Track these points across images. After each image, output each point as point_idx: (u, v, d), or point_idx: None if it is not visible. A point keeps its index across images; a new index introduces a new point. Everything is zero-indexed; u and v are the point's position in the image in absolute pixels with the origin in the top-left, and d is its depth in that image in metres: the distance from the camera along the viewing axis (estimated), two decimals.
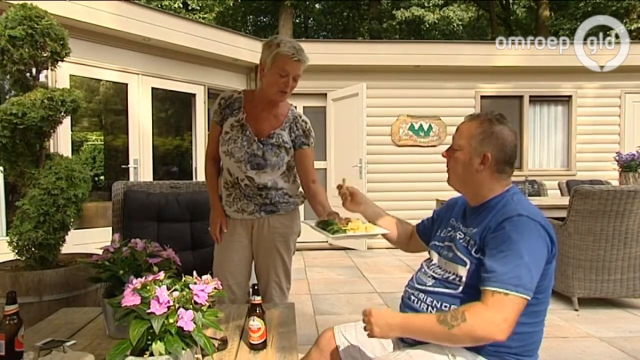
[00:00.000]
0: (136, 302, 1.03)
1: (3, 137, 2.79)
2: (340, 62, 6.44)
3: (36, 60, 2.92)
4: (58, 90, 3.03)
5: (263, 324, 1.39)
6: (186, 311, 1.03)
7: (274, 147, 2.07)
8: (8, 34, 2.73)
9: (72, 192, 2.97)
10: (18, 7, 2.82)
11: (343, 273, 5.15)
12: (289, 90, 2.07)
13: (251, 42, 6.45)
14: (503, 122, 1.43)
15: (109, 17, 4.80)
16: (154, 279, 1.09)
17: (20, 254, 2.98)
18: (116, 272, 1.51)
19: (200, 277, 1.12)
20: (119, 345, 1.03)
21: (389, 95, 6.66)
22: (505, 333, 1.18)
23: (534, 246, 1.26)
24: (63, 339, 1.46)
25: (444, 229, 1.55)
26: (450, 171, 1.49)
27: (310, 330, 3.15)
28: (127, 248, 1.57)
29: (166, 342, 1.02)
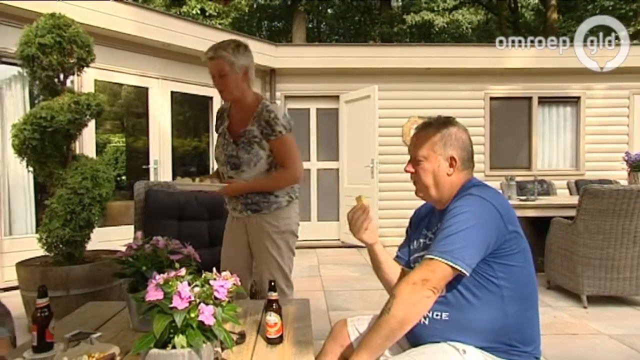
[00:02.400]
0: (159, 297, 1.11)
1: (33, 140, 2.94)
2: (352, 65, 6.54)
3: (64, 66, 3.07)
4: (84, 95, 3.19)
5: (279, 319, 1.46)
6: (207, 306, 1.11)
7: (245, 145, 2.12)
8: (38, 42, 2.89)
9: (96, 192, 3.12)
10: (47, 16, 2.98)
11: (355, 270, 5.22)
12: (222, 88, 2.09)
13: (265, 46, 6.57)
14: (454, 123, 1.49)
15: (131, 24, 4.97)
16: (175, 275, 1.17)
17: (49, 250, 3.13)
18: (139, 268, 1.59)
19: (219, 274, 1.21)
20: (144, 338, 1.10)
21: (400, 97, 6.72)
22: (422, 292, 1.24)
23: (477, 221, 1.29)
24: (90, 331, 1.56)
25: (417, 240, 1.59)
26: (419, 183, 1.50)
27: (324, 325, 3.23)
28: (149, 245, 1.66)
29: (188, 335, 1.09)
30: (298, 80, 6.74)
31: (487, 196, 1.35)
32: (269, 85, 6.69)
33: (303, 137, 6.93)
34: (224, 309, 1.16)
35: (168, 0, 12.57)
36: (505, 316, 1.34)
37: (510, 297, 1.34)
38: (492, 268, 1.33)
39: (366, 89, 6.28)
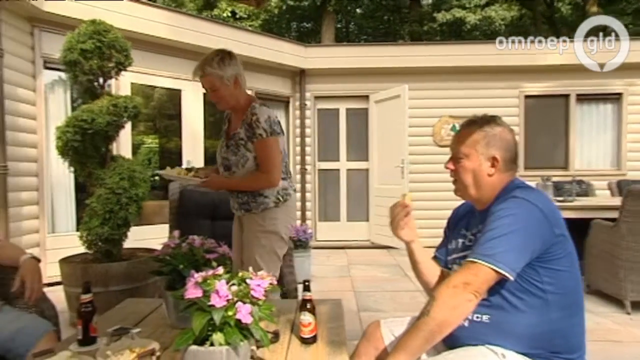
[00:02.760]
0: (198, 295, 1.14)
1: (75, 141, 3.06)
2: (382, 65, 6.49)
3: (103, 70, 3.18)
4: (121, 98, 3.29)
5: (314, 318, 1.47)
6: (244, 305, 1.12)
7: (233, 147, 2.20)
8: (80, 48, 3.00)
9: (133, 192, 3.21)
10: (88, 23, 3.09)
11: (386, 271, 5.19)
12: (217, 100, 2.18)
13: (295, 47, 6.62)
14: (500, 122, 1.45)
15: (165, 28, 5.10)
16: (213, 273, 1.19)
17: (89, 247, 3.25)
18: (176, 266, 1.63)
19: (255, 273, 1.23)
20: (183, 335, 1.13)
21: (431, 96, 6.63)
22: (463, 295, 1.21)
23: (522, 225, 1.25)
24: (130, 326, 1.62)
25: (455, 241, 1.56)
26: (458, 182, 1.48)
27: (355, 326, 3.22)
28: (185, 244, 1.71)
29: (226, 333, 1.11)
30: (327, 80, 6.75)
31: (532, 198, 1.31)
32: (298, 86, 6.72)
33: (333, 137, 6.94)
34: (261, 307, 1.17)
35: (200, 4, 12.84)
36: (550, 322, 1.30)
37: (555, 302, 1.30)
38: (538, 272, 1.29)
39: (396, 88, 6.23)
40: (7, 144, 3.92)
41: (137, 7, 5.08)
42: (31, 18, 4.30)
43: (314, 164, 6.88)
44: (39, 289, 1.93)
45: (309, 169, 6.84)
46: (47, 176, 4.56)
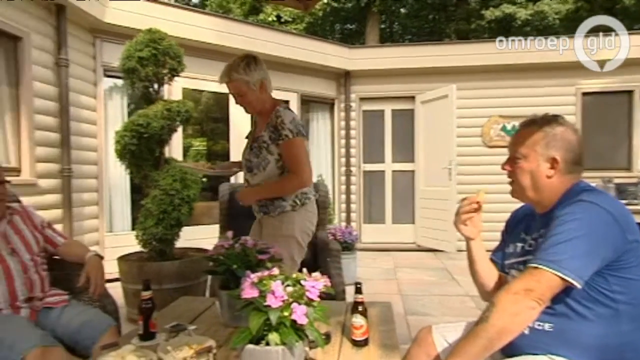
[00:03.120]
0: (255, 295, 1.16)
1: (132, 145, 3.21)
2: (428, 65, 6.36)
3: (158, 76, 3.32)
4: (174, 102, 3.42)
5: (366, 321, 1.46)
6: (299, 305, 1.14)
7: (255, 150, 2.22)
8: (137, 56, 3.15)
9: (185, 193, 3.32)
10: (145, 32, 3.24)
11: (433, 275, 5.09)
12: (245, 105, 2.22)
13: (339, 49, 6.63)
14: (562, 122, 1.37)
15: (213, 33, 5.25)
16: (269, 274, 1.22)
17: (144, 246, 3.39)
18: (230, 266, 1.67)
19: (310, 274, 1.23)
20: (241, 334, 1.15)
21: (480, 95, 6.43)
22: (525, 302, 1.16)
23: (589, 230, 1.18)
24: (186, 323, 1.67)
25: (513, 244, 1.50)
26: (515, 183, 1.42)
27: (403, 330, 3.17)
28: (238, 245, 1.74)
29: (281, 333, 1.12)
30: (372, 81, 6.71)
31: (600, 202, 1.23)
32: (343, 88, 6.72)
33: (378, 139, 6.88)
34: (315, 309, 1.18)
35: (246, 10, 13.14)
36: (620, 334, 1.22)
37: (627, 313, 1.22)
38: (607, 281, 1.21)
39: (443, 88, 6.09)
40: (72, 148, 4.17)
41: (188, 15, 5.27)
42: (93, 29, 4.56)
43: (358, 165, 6.85)
44: (102, 284, 2.04)
45: (353, 171, 6.82)
46: (106, 178, 4.81)
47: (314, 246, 3.09)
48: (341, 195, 6.82)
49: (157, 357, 1.28)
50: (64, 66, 4.05)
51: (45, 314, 1.85)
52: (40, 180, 3.84)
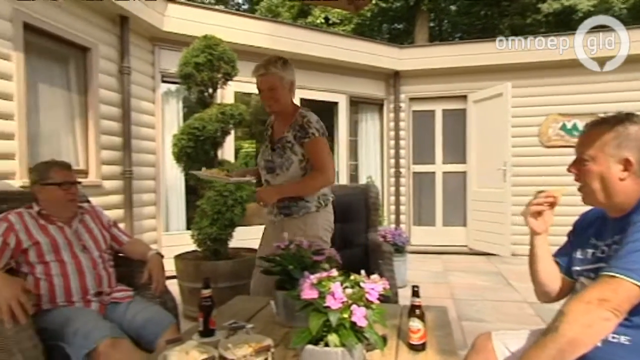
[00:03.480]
0: (314, 296, 1.17)
1: (188, 147, 3.33)
2: (481, 63, 6.14)
3: (213, 81, 3.43)
4: (228, 106, 3.52)
5: (423, 325, 1.44)
6: (358, 307, 1.13)
7: (279, 150, 2.24)
8: (194, 61, 3.27)
9: (238, 194, 3.41)
10: (201, 38, 3.36)
11: (487, 279, 4.92)
12: (271, 101, 2.21)
13: (389, 49, 6.56)
14: (637, 120, 1.26)
15: (263, 37, 5.36)
16: (328, 275, 1.22)
17: (199, 245, 3.51)
18: (286, 267, 1.70)
19: (368, 276, 1.23)
20: (300, 334, 1.16)
21: (537, 93, 6.13)
22: (599, 313, 1.08)
23: None
24: (243, 322, 1.71)
25: (582, 250, 1.41)
26: (584, 187, 1.34)
27: (456, 335, 3.07)
28: (294, 246, 1.76)
29: (341, 335, 1.12)
30: (423, 81, 6.58)
31: None
32: (392, 88, 6.65)
33: (428, 140, 6.75)
34: (374, 311, 1.17)
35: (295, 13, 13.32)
36: None
37: None
38: None
39: (497, 86, 5.88)
40: (133, 151, 4.40)
41: (239, 20, 5.42)
42: (152, 38, 4.79)
43: (408, 167, 6.74)
44: (163, 282, 2.14)
45: (403, 172, 6.72)
46: (163, 179, 5.02)
47: (365, 247, 3.07)
48: (390, 196, 6.75)
49: (218, 353, 1.32)
50: (126, 74, 4.28)
51: (113, 308, 1.96)
52: (105, 182, 4.08)
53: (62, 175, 1.99)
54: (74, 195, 2.02)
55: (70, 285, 1.88)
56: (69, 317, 1.75)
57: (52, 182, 1.95)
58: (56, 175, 1.97)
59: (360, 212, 3.12)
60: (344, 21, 12.73)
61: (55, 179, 1.96)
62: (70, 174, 2.04)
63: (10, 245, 1.82)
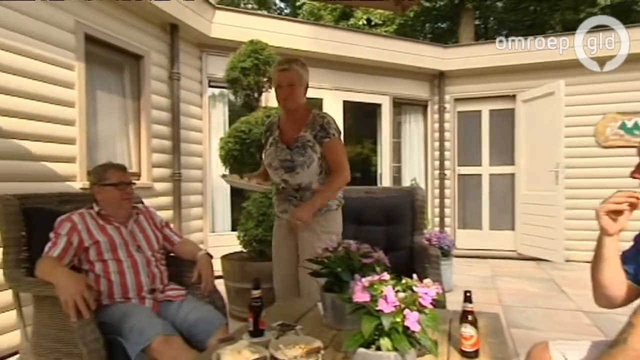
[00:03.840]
0: (366, 299, 1.16)
1: (235, 150, 3.41)
2: (530, 61, 5.88)
3: (258, 85, 3.49)
4: (273, 109, 3.57)
5: (476, 332, 1.39)
6: (411, 312, 1.11)
7: (299, 149, 2.26)
8: (240, 66, 3.34)
9: None
10: (248, 43, 3.43)
11: (538, 286, 4.72)
12: (288, 97, 2.26)
13: (433, 49, 6.45)
14: None
15: (307, 41, 5.41)
16: (379, 279, 1.21)
17: (245, 246, 3.58)
18: (334, 269, 1.69)
19: (421, 280, 1.21)
20: (353, 337, 1.16)
21: (593, 91, 5.82)
22: None
23: None
24: (292, 323, 1.72)
25: None
26: None
27: None
28: (342, 248, 1.76)
29: (394, 339, 1.11)
30: (468, 81, 6.42)
31: None
32: (437, 89, 6.52)
33: (474, 141, 6.57)
34: (427, 316, 1.15)
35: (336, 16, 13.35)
36: None
37: None
38: None
39: (549, 85, 5.64)
40: (181, 154, 4.56)
41: (283, 24, 5.50)
42: (200, 44, 4.95)
43: (453, 169, 6.59)
44: (212, 282, 2.19)
45: (447, 174, 6.58)
46: (209, 181, 5.16)
47: (410, 251, 3.02)
48: (434, 199, 6.61)
49: (269, 353, 1.34)
50: (176, 79, 4.45)
51: (166, 306, 2.03)
52: (156, 184, 4.25)
53: (118, 176, 2.09)
54: (129, 195, 2.11)
55: (126, 282, 1.97)
56: (125, 312, 1.83)
57: (109, 182, 2.05)
58: (112, 176, 2.07)
59: (406, 215, 3.08)
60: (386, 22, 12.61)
61: (112, 180, 2.06)
62: (126, 175, 2.14)
63: (73, 244, 1.93)
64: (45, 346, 1.85)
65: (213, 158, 5.10)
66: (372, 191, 3.27)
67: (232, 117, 5.29)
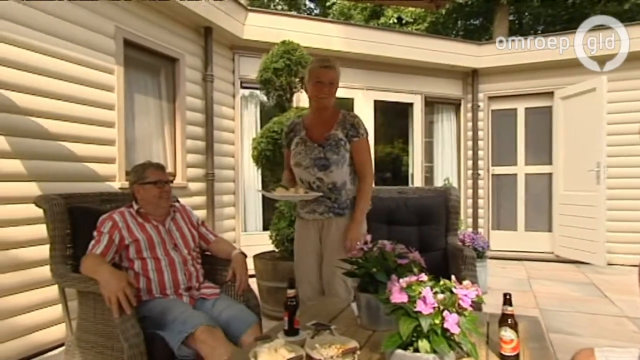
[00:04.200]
0: (404, 300, 1.15)
1: (268, 150, 3.44)
2: (570, 56, 5.67)
3: (290, 85, 3.51)
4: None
5: (516, 335, 1.36)
6: (451, 314, 1.09)
7: (332, 147, 2.28)
8: (273, 67, 3.37)
9: None
10: (280, 44, 3.46)
11: (577, 289, 4.55)
12: (328, 95, 2.30)
13: (467, 47, 6.30)
14: None
15: (338, 41, 5.41)
16: (417, 279, 1.20)
17: (277, 246, 3.60)
18: (369, 270, 1.68)
19: (460, 282, 1.18)
20: (390, 338, 1.15)
21: (637, 86, 5.56)
22: None
23: None
24: (326, 323, 1.72)
25: None
26: None
27: None
28: (377, 248, 1.75)
29: (432, 341, 1.10)
30: (503, 78, 6.25)
31: None
32: (470, 87, 6.38)
33: (508, 140, 6.40)
34: (467, 318, 1.13)
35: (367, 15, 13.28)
36: None
37: None
38: None
39: (590, 81, 5.42)
40: (215, 155, 4.64)
41: (315, 25, 5.52)
42: (233, 46, 5.03)
43: (487, 168, 6.44)
44: (247, 280, 2.21)
45: (481, 174, 6.43)
46: (241, 181, 5.23)
47: (444, 252, 2.97)
48: (467, 199, 6.48)
49: (305, 352, 1.34)
50: (209, 81, 4.53)
51: (201, 303, 2.07)
52: (190, 184, 4.34)
53: (157, 174, 2.14)
54: (167, 193, 2.16)
55: (164, 280, 2.02)
56: (166, 306, 1.89)
57: (149, 181, 2.11)
58: (152, 175, 2.13)
59: (440, 215, 3.03)
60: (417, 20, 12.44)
61: (151, 179, 2.12)
62: (164, 173, 2.20)
63: (115, 242, 1.99)
64: (89, 340, 1.92)
65: (245, 158, 5.17)
66: (405, 191, 3.23)
67: (263, 118, 5.34)
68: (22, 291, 2.70)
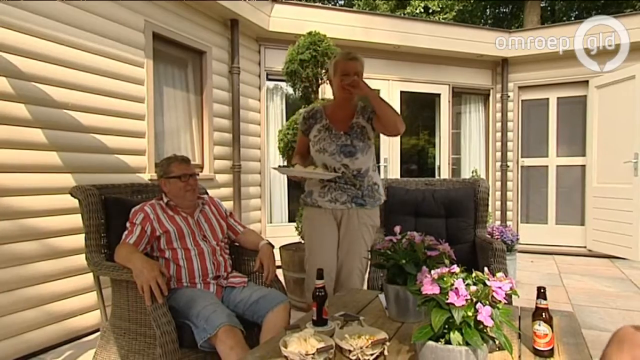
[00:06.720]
0: (436, 292, 1.13)
1: (294, 142, 3.43)
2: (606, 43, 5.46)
3: (317, 76, 3.49)
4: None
5: (550, 330, 1.32)
6: (484, 306, 1.07)
7: (357, 134, 2.35)
8: (299, 59, 3.36)
9: None
10: (306, 35, 3.44)
11: (611, 285, 4.40)
12: (352, 85, 2.27)
13: (496, 35, 6.10)
14: None
15: (364, 31, 5.34)
16: (449, 271, 1.18)
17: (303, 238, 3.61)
18: (398, 261, 1.67)
19: (492, 274, 1.16)
20: (422, 330, 1.13)
21: None
22: None
23: None
24: (354, 314, 1.72)
25: None
26: None
27: None
28: (405, 240, 1.73)
29: (465, 333, 1.08)
30: (534, 67, 6.06)
31: None
32: (499, 77, 6.22)
33: (539, 131, 6.22)
34: (500, 311, 1.10)
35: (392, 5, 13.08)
36: None
37: None
38: None
39: (628, 68, 5.20)
40: (241, 147, 4.68)
41: (340, 15, 5.46)
42: (258, 38, 5.05)
43: (516, 160, 6.28)
44: (274, 271, 2.23)
45: (510, 166, 6.28)
46: (267, 173, 5.27)
47: (473, 244, 2.93)
48: (496, 192, 6.35)
49: (335, 343, 1.35)
50: (236, 74, 4.56)
51: (229, 292, 2.11)
52: (217, 176, 4.39)
53: (182, 168, 2.18)
54: (192, 186, 2.19)
55: (194, 268, 2.07)
56: (191, 298, 1.92)
57: (173, 175, 2.15)
58: (176, 169, 2.17)
59: (468, 207, 2.98)
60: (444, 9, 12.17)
61: (176, 173, 2.15)
62: (189, 167, 2.22)
63: (147, 233, 2.04)
64: (122, 326, 1.98)
65: (270, 150, 5.19)
66: (432, 183, 3.19)
67: (288, 110, 5.35)
68: (59, 279, 2.81)
